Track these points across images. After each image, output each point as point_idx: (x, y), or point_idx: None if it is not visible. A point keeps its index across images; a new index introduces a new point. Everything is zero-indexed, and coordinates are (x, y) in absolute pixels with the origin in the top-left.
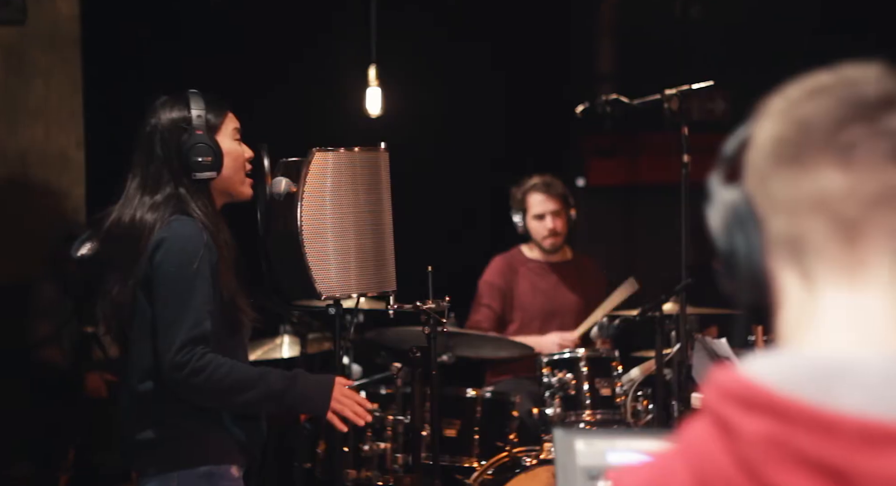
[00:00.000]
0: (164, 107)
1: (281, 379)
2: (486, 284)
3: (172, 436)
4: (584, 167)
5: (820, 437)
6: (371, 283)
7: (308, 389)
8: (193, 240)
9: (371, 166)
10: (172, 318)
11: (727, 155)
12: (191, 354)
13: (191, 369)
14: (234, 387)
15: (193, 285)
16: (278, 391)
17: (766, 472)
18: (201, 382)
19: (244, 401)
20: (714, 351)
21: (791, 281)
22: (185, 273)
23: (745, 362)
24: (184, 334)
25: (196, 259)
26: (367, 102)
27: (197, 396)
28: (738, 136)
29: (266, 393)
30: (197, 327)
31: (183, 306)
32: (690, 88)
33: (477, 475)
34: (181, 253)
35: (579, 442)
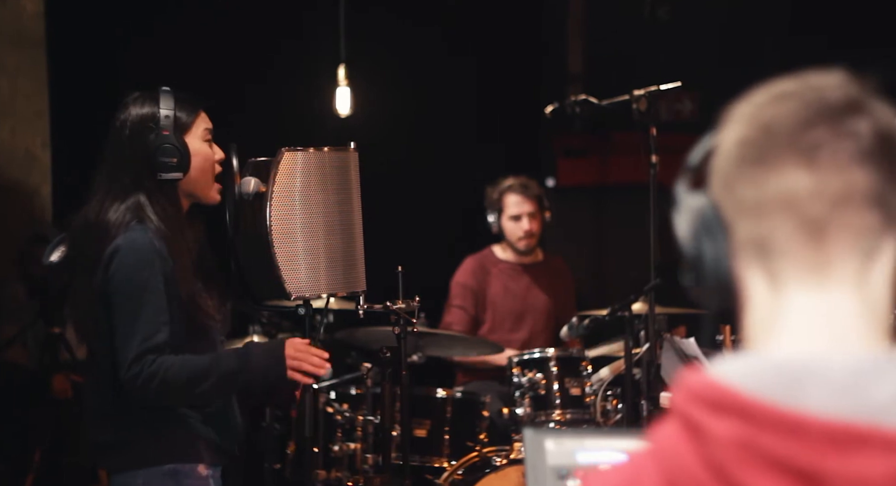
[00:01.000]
0: (135, 103)
1: (233, 358)
2: (458, 285)
3: (137, 435)
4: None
5: (788, 438)
6: (341, 283)
7: (261, 359)
8: (143, 251)
9: (341, 166)
10: (124, 333)
11: (693, 163)
12: (141, 365)
13: (143, 379)
14: (190, 381)
15: (143, 299)
16: (233, 370)
17: (735, 474)
18: (157, 387)
19: (205, 391)
20: (682, 351)
21: (758, 283)
22: (134, 288)
23: (714, 364)
24: (135, 349)
25: (145, 271)
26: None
27: (159, 400)
28: (704, 145)
29: (223, 376)
30: (148, 340)
31: (133, 320)
32: (658, 89)
33: (447, 475)
34: (130, 267)
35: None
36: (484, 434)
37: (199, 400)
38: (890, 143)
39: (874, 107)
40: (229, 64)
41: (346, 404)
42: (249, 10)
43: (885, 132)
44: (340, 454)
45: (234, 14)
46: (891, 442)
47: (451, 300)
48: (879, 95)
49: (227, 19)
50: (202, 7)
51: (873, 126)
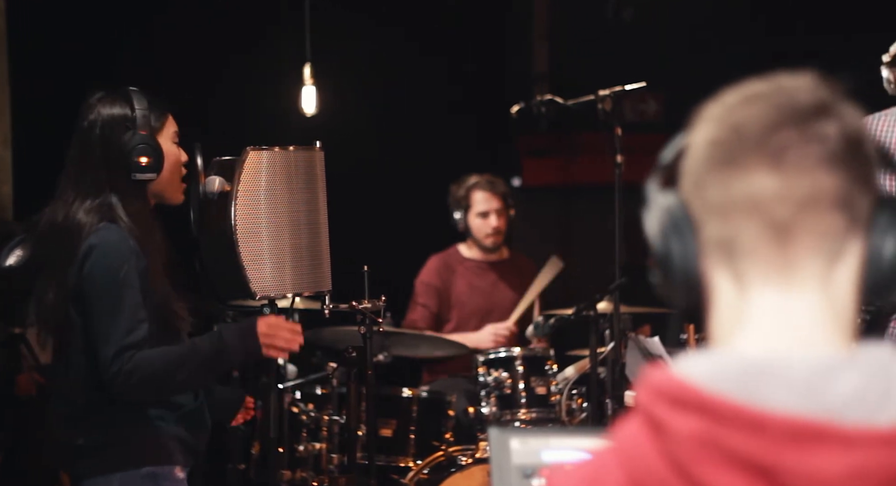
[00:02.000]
0: (104, 103)
1: (208, 342)
2: (423, 283)
3: (113, 439)
4: (520, 167)
5: (748, 435)
6: (306, 282)
7: (235, 339)
8: (119, 249)
9: (306, 165)
10: (103, 333)
11: (664, 162)
12: (120, 362)
13: (124, 376)
14: (169, 372)
15: (121, 296)
16: (210, 355)
17: (695, 470)
18: (137, 382)
19: (185, 379)
20: (647, 350)
21: (724, 282)
22: (112, 285)
23: (677, 361)
24: (114, 347)
25: (122, 268)
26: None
27: (141, 395)
28: (676, 144)
29: (201, 362)
30: (127, 337)
31: (112, 319)
32: (623, 90)
33: (412, 474)
34: (107, 265)
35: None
36: (450, 434)
37: (180, 389)
38: (857, 146)
39: (842, 110)
40: (194, 63)
41: (311, 404)
42: (214, 9)
43: (853, 135)
44: (306, 454)
45: (199, 13)
46: (848, 439)
47: (415, 298)
48: (848, 98)
49: (191, 18)
50: (166, 6)
51: (841, 129)
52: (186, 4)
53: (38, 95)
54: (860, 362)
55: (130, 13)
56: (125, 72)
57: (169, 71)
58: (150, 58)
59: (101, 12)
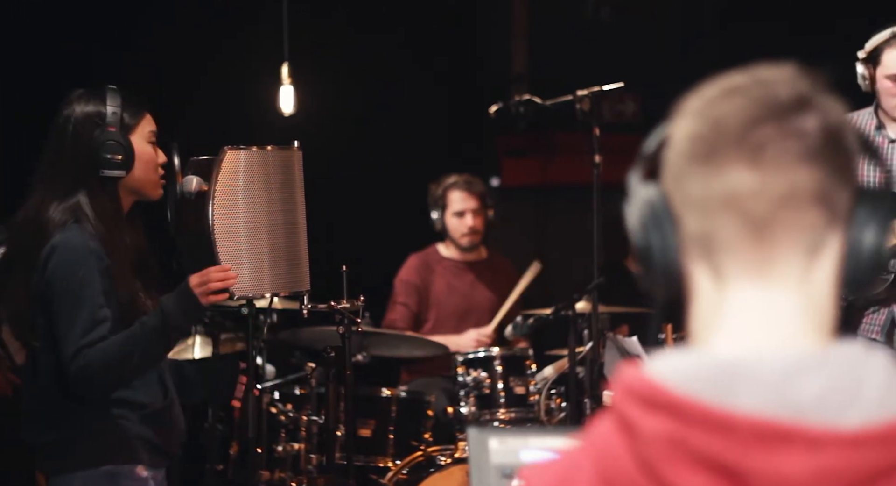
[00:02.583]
0: (80, 100)
1: (153, 316)
2: (402, 282)
3: (75, 437)
4: (498, 167)
5: (715, 436)
6: (284, 282)
7: (173, 303)
8: (78, 250)
9: (284, 165)
10: (63, 332)
11: (646, 153)
12: (77, 361)
13: (81, 372)
14: (123, 356)
15: (79, 297)
16: (158, 327)
17: (664, 470)
18: (94, 374)
19: (142, 356)
20: (625, 349)
21: (703, 278)
22: (71, 286)
23: (651, 360)
24: (72, 347)
25: (80, 270)
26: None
27: (103, 388)
28: (658, 134)
29: (151, 338)
30: (84, 337)
31: (71, 319)
32: (601, 90)
33: (391, 474)
34: (67, 267)
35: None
36: (429, 434)
37: (139, 370)
38: (836, 140)
39: (823, 103)
40: (172, 62)
41: (289, 404)
42: (192, 9)
43: (833, 129)
44: (284, 455)
45: (177, 12)
46: (813, 440)
47: (395, 297)
48: (828, 90)
49: (169, 17)
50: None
51: (821, 123)
52: (164, 4)
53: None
54: (830, 361)
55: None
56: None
57: (146, 70)
58: (128, 57)
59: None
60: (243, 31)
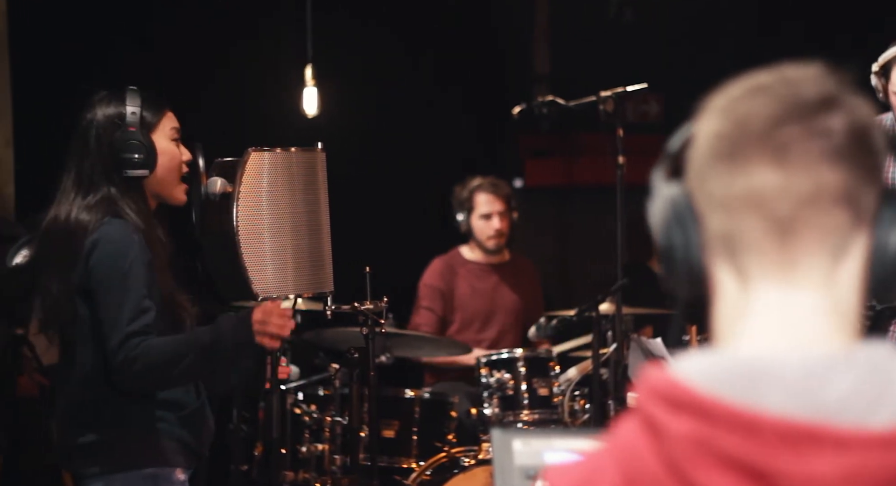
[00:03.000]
0: (101, 102)
1: (207, 332)
2: (426, 286)
3: (115, 439)
4: (521, 168)
5: (742, 437)
6: (308, 284)
7: (230, 327)
8: (124, 241)
9: (308, 166)
10: (110, 323)
11: (671, 151)
12: (126, 349)
13: (128, 363)
14: (171, 360)
15: (126, 286)
16: (209, 343)
17: (690, 472)
18: (140, 369)
19: (187, 368)
20: (649, 351)
21: (726, 278)
22: (117, 276)
23: (676, 361)
24: (120, 335)
25: (127, 259)
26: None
27: (144, 384)
28: (683, 132)
29: (201, 350)
30: (131, 324)
31: (118, 308)
32: (625, 90)
33: (415, 475)
34: (112, 256)
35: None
36: (452, 435)
37: (179, 380)
38: (863, 139)
39: (849, 102)
40: (195, 63)
41: (313, 405)
42: (216, 10)
43: (859, 129)
44: (308, 455)
45: (201, 13)
46: (841, 441)
47: (420, 302)
48: (856, 90)
49: (193, 18)
50: (169, 6)
51: (847, 123)
52: (188, 5)
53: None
54: (856, 362)
55: (131, 14)
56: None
57: (170, 71)
58: (151, 58)
59: (103, 13)
60: (267, 34)
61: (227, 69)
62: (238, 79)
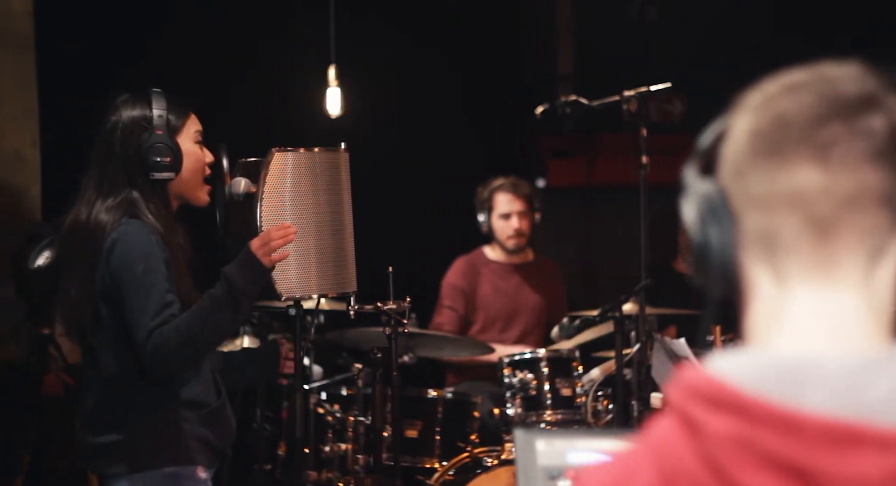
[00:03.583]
0: (126, 104)
1: (218, 287)
2: (449, 286)
3: (136, 438)
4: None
5: (785, 436)
6: (332, 284)
7: (237, 270)
8: (142, 239)
9: (331, 167)
10: (135, 318)
11: (703, 147)
12: (151, 343)
13: (157, 351)
14: (196, 327)
15: (148, 283)
16: (225, 294)
17: (731, 471)
18: (170, 352)
19: (214, 327)
20: (673, 351)
21: (762, 277)
22: (138, 273)
23: (713, 360)
24: (145, 330)
25: (147, 256)
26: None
27: (180, 363)
28: (715, 128)
29: (219, 305)
30: (156, 318)
31: (141, 304)
32: (648, 90)
33: (438, 475)
34: (131, 254)
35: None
36: (475, 435)
37: (212, 340)
38: None
39: (889, 102)
40: (218, 64)
41: (336, 404)
42: (239, 11)
43: None
44: (331, 455)
45: (224, 14)
46: (886, 441)
47: (442, 301)
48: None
49: (216, 19)
50: (192, 7)
51: (888, 123)
52: (212, 6)
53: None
54: None
55: (156, 15)
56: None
57: (193, 72)
58: (175, 60)
59: (128, 14)
60: (291, 35)
61: (250, 70)
62: (262, 80)
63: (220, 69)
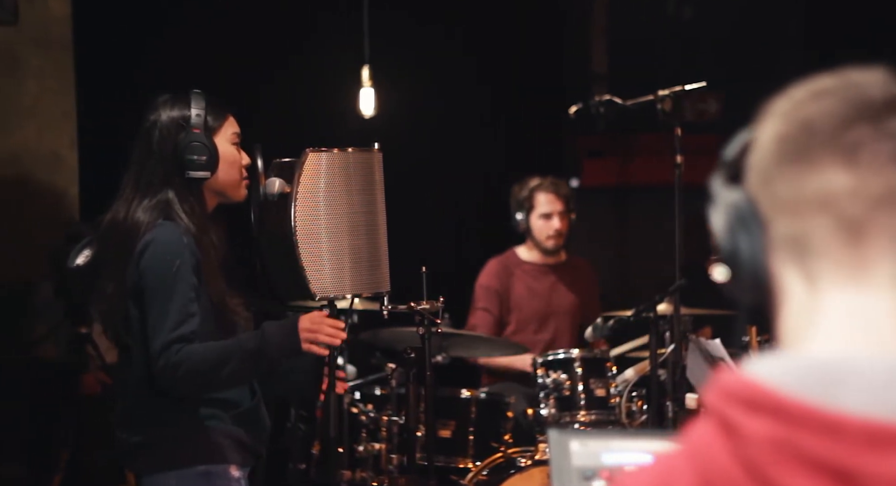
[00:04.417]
0: (165, 104)
1: (252, 338)
2: (482, 287)
3: (170, 436)
4: (578, 168)
5: (825, 438)
6: (365, 283)
7: (277, 334)
8: (173, 244)
9: (365, 167)
10: (154, 326)
11: (729, 157)
12: (167, 355)
13: (171, 369)
14: (215, 366)
15: (173, 291)
16: (254, 350)
17: (771, 473)
18: (183, 375)
19: (230, 374)
20: (708, 352)
21: (794, 282)
22: (165, 280)
23: (750, 363)
24: (162, 340)
25: (175, 263)
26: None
27: (187, 389)
28: (741, 138)
29: (245, 357)
30: (175, 330)
31: (162, 312)
32: (683, 89)
33: (472, 475)
34: (161, 259)
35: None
36: (508, 435)
37: (225, 384)
38: None
39: None
40: (253, 65)
41: (370, 404)
42: (273, 12)
43: None
44: (365, 455)
45: (259, 15)
46: None
47: (476, 303)
48: None
49: (251, 20)
50: (228, 9)
51: None
52: (247, 7)
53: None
54: None
55: (192, 17)
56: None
57: (228, 73)
58: (210, 61)
59: (163, 17)
60: (324, 35)
61: (285, 71)
62: (296, 80)
63: (254, 70)
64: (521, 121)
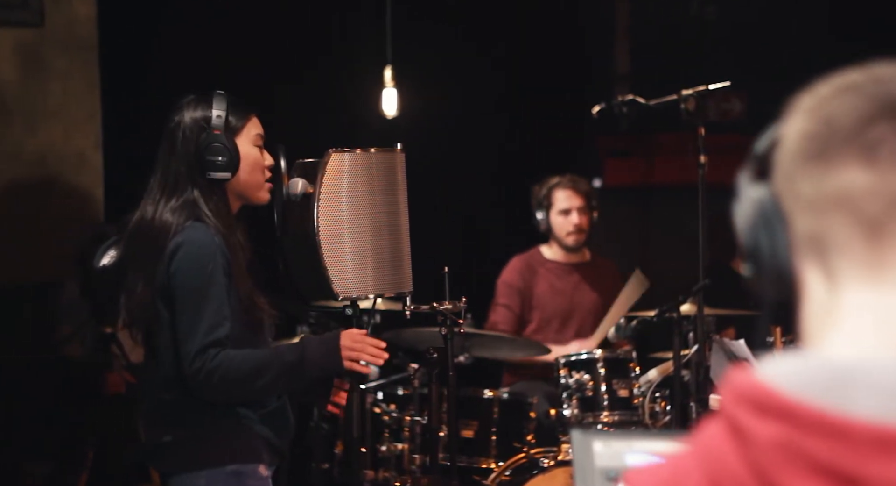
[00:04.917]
0: (189, 105)
1: (291, 351)
2: (504, 284)
3: (199, 436)
4: (600, 168)
5: (832, 443)
6: (388, 284)
7: (318, 350)
8: (206, 246)
9: (387, 167)
10: (187, 328)
11: (757, 153)
12: (203, 359)
13: (206, 374)
14: (251, 374)
15: (207, 293)
16: (293, 363)
17: (776, 477)
18: (218, 381)
19: (266, 384)
20: (732, 352)
21: (815, 280)
22: (199, 282)
23: (762, 364)
24: (198, 343)
25: (209, 266)
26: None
27: (221, 395)
28: (769, 134)
29: (282, 369)
30: (210, 334)
31: (196, 315)
32: (707, 89)
33: (494, 475)
34: (195, 261)
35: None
36: (531, 435)
37: (259, 394)
38: None
39: None
40: (277, 66)
41: (393, 404)
42: (297, 13)
43: None
44: (388, 455)
45: (283, 16)
46: None
47: (497, 299)
48: None
49: (275, 22)
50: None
51: None
52: (271, 8)
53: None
54: None
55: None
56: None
57: (252, 73)
58: (234, 61)
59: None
60: (347, 36)
61: (308, 71)
62: (319, 81)
63: (278, 70)
64: (543, 121)
